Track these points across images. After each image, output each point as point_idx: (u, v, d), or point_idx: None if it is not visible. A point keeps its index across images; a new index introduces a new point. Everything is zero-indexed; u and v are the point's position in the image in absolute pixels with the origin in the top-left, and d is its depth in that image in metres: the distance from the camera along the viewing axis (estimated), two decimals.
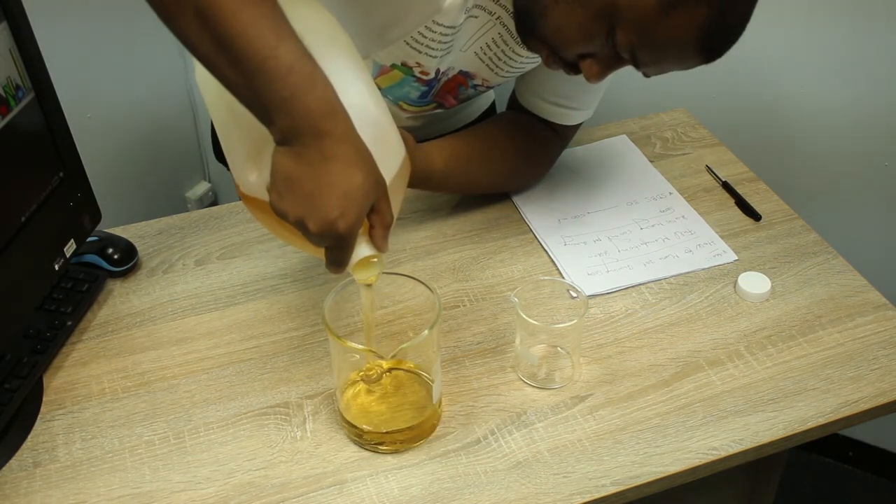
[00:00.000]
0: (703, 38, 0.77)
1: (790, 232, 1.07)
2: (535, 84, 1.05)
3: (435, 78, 0.98)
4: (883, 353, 0.90)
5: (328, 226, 0.66)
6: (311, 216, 0.67)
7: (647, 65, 0.81)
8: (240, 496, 0.77)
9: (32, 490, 0.78)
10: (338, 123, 0.67)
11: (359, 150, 0.68)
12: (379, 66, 0.97)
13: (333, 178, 0.66)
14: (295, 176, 0.67)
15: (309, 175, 0.66)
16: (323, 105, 0.66)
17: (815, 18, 1.40)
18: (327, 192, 0.66)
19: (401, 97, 1.02)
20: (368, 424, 0.80)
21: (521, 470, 0.79)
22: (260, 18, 0.64)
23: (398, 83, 0.99)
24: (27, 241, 0.84)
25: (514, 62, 0.99)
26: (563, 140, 1.12)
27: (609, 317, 0.95)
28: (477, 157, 1.04)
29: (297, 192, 0.67)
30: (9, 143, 0.81)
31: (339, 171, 0.67)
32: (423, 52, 0.92)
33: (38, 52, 0.84)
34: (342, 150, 0.67)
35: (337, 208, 0.66)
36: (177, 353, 0.91)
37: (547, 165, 1.13)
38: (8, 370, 0.85)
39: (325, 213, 0.66)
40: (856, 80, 1.42)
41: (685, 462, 0.80)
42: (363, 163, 0.68)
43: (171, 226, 1.09)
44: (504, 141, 1.06)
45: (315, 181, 0.66)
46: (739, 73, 1.50)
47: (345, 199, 0.66)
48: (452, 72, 1.00)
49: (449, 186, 1.06)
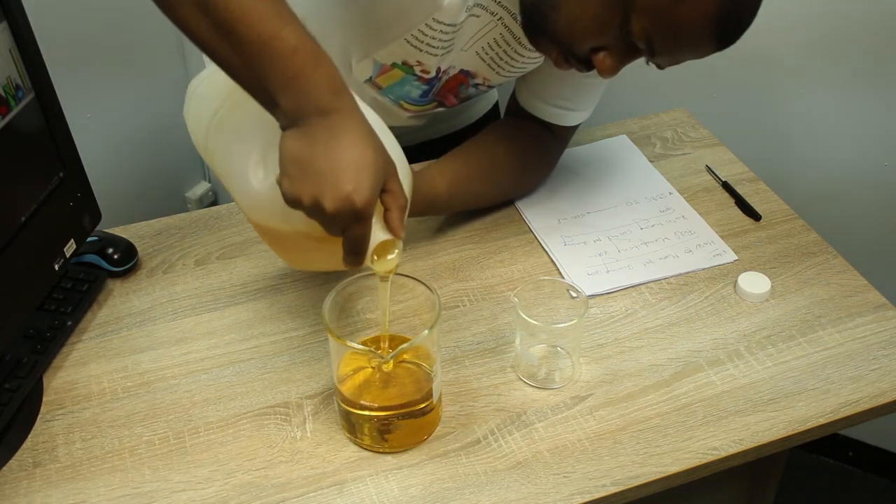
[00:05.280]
0: (718, 23, 0.76)
1: (790, 232, 1.07)
2: (535, 86, 1.05)
3: (436, 77, 0.98)
4: (883, 353, 0.90)
5: (343, 201, 0.65)
6: (325, 194, 0.65)
7: (661, 53, 0.79)
8: (240, 496, 0.77)
9: (32, 490, 0.78)
10: (344, 100, 0.67)
11: (366, 127, 0.68)
12: (379, 65, 0.97)
13: (344, 153, 0.65)
14: (305, 156, 0.66)
15: (319, 153, 0.66)
16: (329, 83, 0.66)
17: (815, 18, 1.40)
18: (339, 166, 0.65)
19: (402, 96, 1.02)
20: (369, 401, 0.79)
21: (521, 470, 0.79)
22: (260, 2, 0.65)
23: (399, 82, 0.99)
24: (27, 241, 0.84)
25: (515, 62, 0.99)
26: (562, 142, 1.12)
27: (609, 317, 0.95)
28: (478, 174, 1.04)
29: (309, 172, 0.66)
30: (9, 143, 0.81)
31: (348, 145, 0.66)
32: (423, 51, 0.92)
33: (38, 52, 0.84)
34: (350, 125, 0.66)
35: (350, 181, 0.65)
36: (177, 353, 0.91)
37: (548, 170, 1.14)
38: (8, 370, 0.85)
39: (340, 187, 0.65)
40: (856, 80, 1.42)
41: (685, 462, 0.80)
42: (372, 139, 0.68)
43: (171, 226, 1.09)
44: (503, 154, 1.06)
45: (326, 157, 0.65)
46: (739, 73, 1.50)
47: (358, 173, 0.65)
48: (453, 71, 1.00)
49: (454, 207, 1.06)
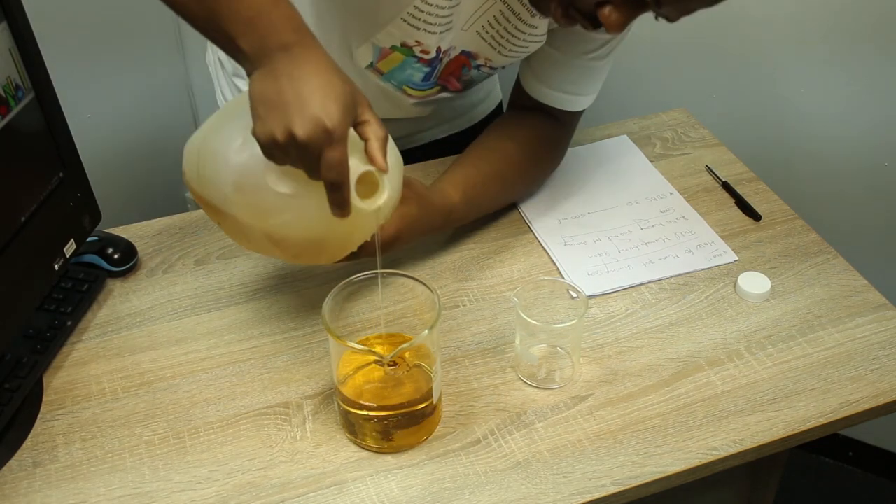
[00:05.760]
0: None
1: (790, 232, 1.07)
2: (540, 72, 1.04)
3: (436, 57, 0.98)
4: (883, 353, 0.90)
5: (313, 124, 0.65)
6: (294, 121, 0.66)
7: (669, 2, 0.77)
8: (240, 496, 0.77)
9: (32, 490, 0.78)
10: (305, 36, 0.68)
11: (330, 59, 0.68)
12: (379, 49, 0.96)
13: (310, 80, 0.66)
14: (271, 92, 0.67)
15: (285, 86, 0.67)
16: (289, 21, 0.67)
17: (815, 18, 1.40)
18: (306, 92, 0.66)
19: (404, 81, 1.02)
20: (369, 401, 0.80)
21: (521, 470, 0.79)
22: None
23: (400, 66, 0.99)
24: (27, 241, 0.84)
25: (517, 40, 0.98)
26: (569, 130, 1.11)
27: (609, 317, 0.95)
28: (491, 176, 1.03)
29: (277, 106, 0.67)
30: (9, 143, 0.81)
31: (313, 73, 0.67)
32: (421, 29, 0.92)
33: (38, 52, 0.84)
34: (313, 56, 0.67)
35: (317, 104, 0.66)
36: (177, 353, 0.91)
37: (558, 160, 1.13)
38: (8, 370, 0.85)
39: (308, 111, 0.66)
40: (856, 80, 1.42)
41: (685, 462, 0.80)
42: (337, 69, 0.68)
43: (171, 226, 1.09)
44: (513, 151, 1.05)
45: (292, 87, 0.66)
46: (739, 73, 1.50)
47: (324, 97, 0.66)
48: (455, 52, 0.99)
49: (473, 214, 1.04)
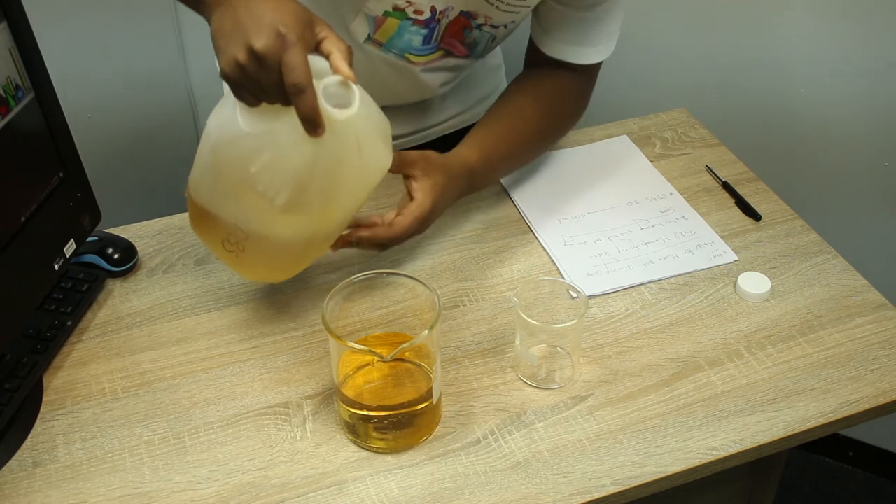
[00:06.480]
0: None
1: (790, 232, 1.07)
2: (554, 30, 1.03)
3: (432, 18, 0.97)
4: (883, 353, 0.90)
5: (268, 32, 0.69)
6: (251, 36, 0.69)
7: None
8: (240, 496, 0.77)
9: (32, 490, 0.78)
10: None
11: None
12: (373, 19, 0.97)
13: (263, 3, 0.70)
14: (227, 22, 0.71)
15: (240, 12, 0.71)
16: None
17: (815, 18, 1.40)
18: (260, 12, 0.70)
19: (404, 48, 1.01)
20: (369, 401, 0.80)
21: (521, 470, 0.79)
22: None
23: (396, 32, 0.99)
24: (27, 241, 0.84)
25: None
26: (590, 80, 1.09)
27: (609, 317, 0.95)
28: (508, 134, 1.02)
29: (235, 30, 0.70)
30: (9, 143, 0.81)
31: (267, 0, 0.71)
32: None
33: (38, 52, 0.84)
34: None
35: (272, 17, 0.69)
36: (177, 353, 0.91)
37: (580, 111, 1.11)
38: (8, 370, 0.85)
39: (262, 23, 0.69)
40: (856, 80, 1.42)
41: (685, 462, 0.80)
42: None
43: (171, 226, 1.09)
44: (529, 106, 1.04)
45: (247, 12, 0.70)
46: (740, 72, 1.50)
47: (277, 11, 0.70)
48: (453, 13, 0.99)
49: (497, 173, 1.04)
